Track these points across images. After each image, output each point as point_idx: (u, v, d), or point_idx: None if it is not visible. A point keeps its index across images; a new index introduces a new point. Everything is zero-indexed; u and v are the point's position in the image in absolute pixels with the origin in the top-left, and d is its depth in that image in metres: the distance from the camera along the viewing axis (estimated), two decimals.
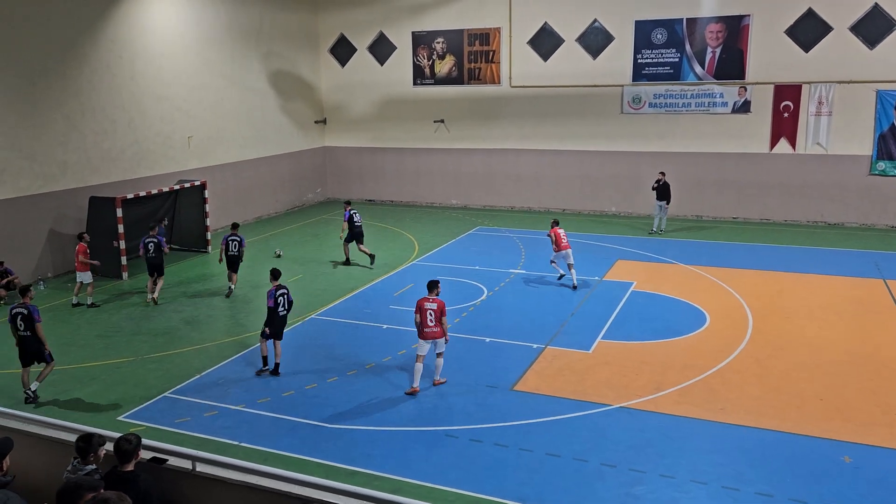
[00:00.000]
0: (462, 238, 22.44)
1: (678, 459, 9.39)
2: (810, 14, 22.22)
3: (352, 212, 19.21)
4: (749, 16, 22.85)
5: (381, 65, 28.19)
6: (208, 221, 21.31)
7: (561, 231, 16.81)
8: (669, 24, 23.78)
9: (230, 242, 16.81)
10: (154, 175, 21.51)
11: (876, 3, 21.48)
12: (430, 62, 27.41)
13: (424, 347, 11.44)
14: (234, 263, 16.94)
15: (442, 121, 27.66)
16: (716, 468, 9.18)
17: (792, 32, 22.54)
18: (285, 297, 12.24)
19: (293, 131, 28.03)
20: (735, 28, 23.07)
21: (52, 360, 11.56)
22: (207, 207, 21.23)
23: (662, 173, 22.63)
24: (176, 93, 22.29)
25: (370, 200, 29.56)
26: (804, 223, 23.44)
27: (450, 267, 18.92)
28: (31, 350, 11.30)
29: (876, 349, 12.95)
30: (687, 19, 23.55)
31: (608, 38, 24.66)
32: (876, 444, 9.67)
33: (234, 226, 17.45)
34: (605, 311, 15.20)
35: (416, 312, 11.48)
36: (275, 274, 12.53)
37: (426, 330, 11.36)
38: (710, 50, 23.53)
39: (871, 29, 21.71)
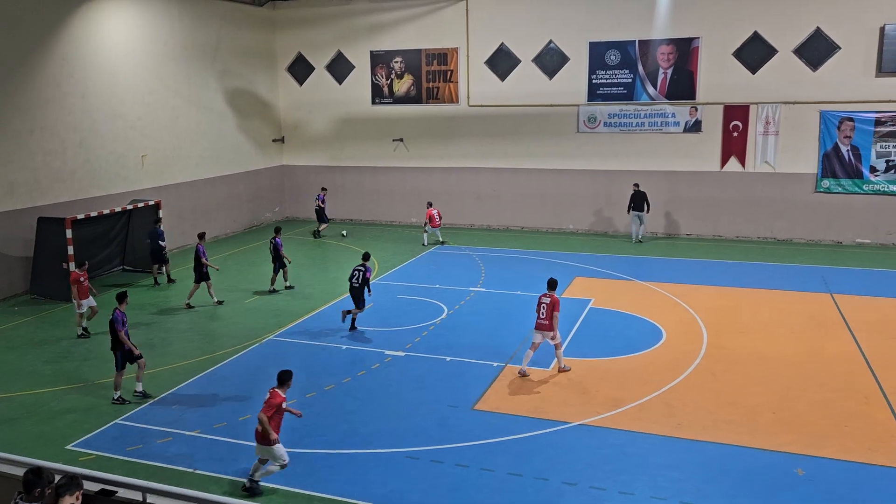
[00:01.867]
0: (422, 256, 22.44)
1: (637, 476, 9.48)
2: (756, 37, 22.97)
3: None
4: (698, 38, 23.53)
5: (340, 83, 28.18)
6: (163, 242, 20.85)
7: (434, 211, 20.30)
8: (622, 46, 24.33)
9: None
10: (106, 195, 21.03)
11: (818, 28, 22.33)
12: (388, 81, 27.50)
13: (537, 337, 12.75)
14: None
15: (401, 139, 27.73)
16: (674, 484, 9.28)
17: (739, 54, 23.27)
18: (361, 273, 15.12)
19: (251, 150, 27.77)
20: (685, 50, 23.72)
21: (118, 370, 12.04)
22: (162, 227, 20.78)
23: (636, 184, 23.37)
24: (130, 111, 21.90)
25: (329, 220, 29.33)
26: (755, 239, 24.06)
27: (409, 286, 18.87)
28: (114, 353, 11.96)
29: (825, 362, 13.31)
30: (639, 41, 24.13)
31: (563, 59, 25.10)
32: (827, 457, 9.90)
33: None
34: (564, 329, 15.25)
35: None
36: (364, 256, 15.84)
37: (538, 321, 12.70)
38: (661, 71, 24.12)
39: (813, 52, 22.54)
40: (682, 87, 23.96)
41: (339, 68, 28.11)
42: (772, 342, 14.42)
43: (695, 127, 24.11)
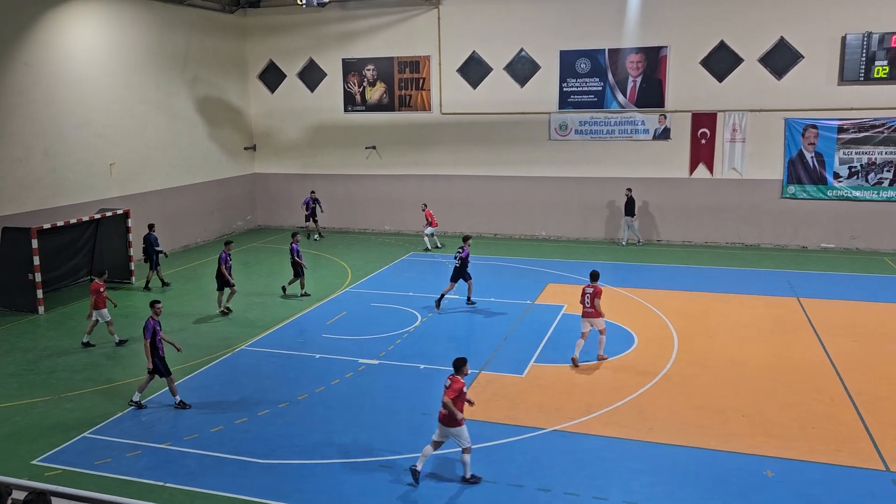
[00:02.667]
0: (396, 264, 22.41)
1: (611, 481, 9.55)
2: (723, 46, 23.40)
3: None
4: (667, 47, 23.89)
5: (312, 91, 28.09)
6: (132, 251, 20.59)
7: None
8: (592, 55, 24.62)
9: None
10: (73, 204, 20.69)
11: (782, 37, 22.82)
12: (360, 89, 27.48)
13: (585, 326, 13.60)
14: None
15: (373, 147, 27.70)
16: (647, 488, 9.37)
17: (706, 63, 23.67)
18: (459, 253, 17.13)
19: (222, 158, 27.52)
20: (654, 59, 24.07)
21: (169, 373, 12.13)
22: (131, 237, 20.53)
23: (629, 189, 23.88)
24: (97, 119, 21.59)
25: (302, 228, 29.17)
26: (723, 244, 24.44)
27: (383, 293, 18.83)
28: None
29: (793, 365, 13.55)
30: (609, 50, 24.43)
31: (535, 67, 25.31)
32: (796, 458, 10.07)
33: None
34: (537, 335, 15.41)
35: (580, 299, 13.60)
36: (464, 238, 17.81)
37: (584, 311, 13.54)
38: (631, 79, 24.44)
39: (778, 61, 23.02)
40: (651, 95, 24.30)
41: (311, 76, 28.03)
42: (741, 346, 14.64)
43: (664, 134, 24.45)
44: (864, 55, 21.83)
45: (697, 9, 23.39)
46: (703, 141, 24.09)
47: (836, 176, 23.11)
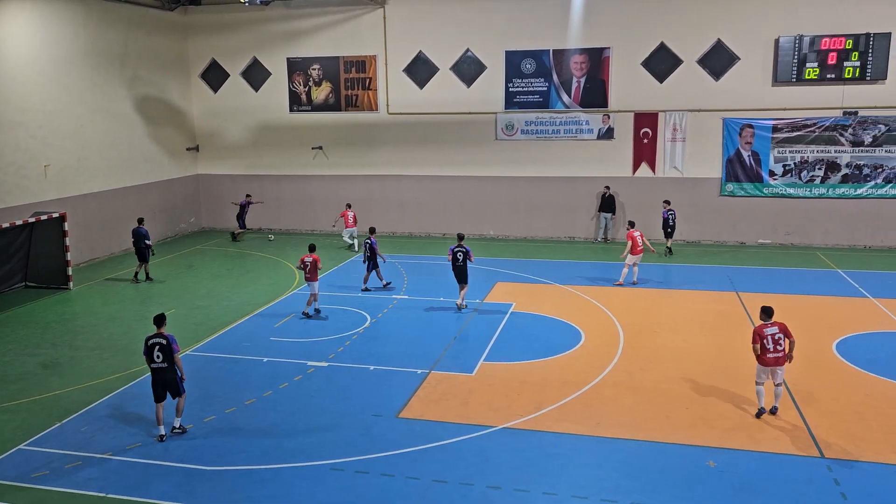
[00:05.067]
0: (344, 265, 22.25)
1: (560, 476, 9.69)
2: (663, 48, 23.98)
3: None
4: (609, 48, 24.35)
5: (256, 91, 27.65)
6: (69, 256, 19.91)
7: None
8: (537, 55, 24.91)
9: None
10: (6, 207, 19.88)
11: (719, 39, 23.51)
12: (306, 89, 27.18)
13: (631, 259, 12.13)
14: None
15: (320, 147, 27.44)
16: (595, 482, 9.54)
17: (647, 64, 24.22)
18: (463, 252, 16.88)
19: (163, 159, 26.85)
20: (597, 59, 24.50)
21: (184, 391, 11.11)
22: (68, 241, 19.85)
23: (607, 187, 24.59)
24: (31, 119, 20.80)
25: (248, 229, 28.72)
26: (665, 242, 24.99)
27: (332, 295, 18.68)
28: (167, 380, 10.82)
29: (734, 357, 13.98)
30: (553, 50, 24.76)
31: (481, 67, 25.47)
32: (737, 448, 10.40)
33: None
34: (486, 333, 15.52)
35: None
36: (459, 236, 17.57)
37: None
38: (575, 80, 24.82)
39: (715, 62, 23.71)
40: (595, 95, 24.73)
41: (255, 75, 27.59)
42: (684, 340, 15.04)
43: (608, 134, 24.92)
44: (795, 57, 22.68)
45: (638, 11, 23.91)
46: (646, 140, 24.65)
47: (772, 174, 23.95)
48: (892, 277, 19.90)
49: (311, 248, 17.29)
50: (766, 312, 11.35)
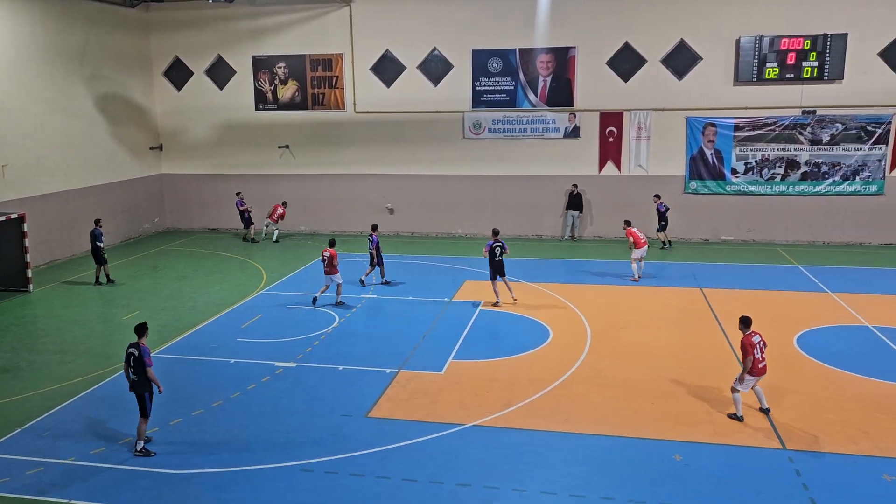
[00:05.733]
0: (312, 265, 22.10)
1: (529, 473, 9.77)
2: (627, 47, 24.27)
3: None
4: (574, 48, 24.57)
5: (221, 89, 27.30)
6: (28, 258, 19.46)
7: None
8: (504, 54, 25.03)
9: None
10: None
11: (682, 39, 23.88)
12: (272, 87, 26.92)
13: (636, 253, 11.71)
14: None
15: (287, 146, 27.21)
16: (564, 478, 9.64)
17: (612, 64, 24.50)
18: (500, 247, 17.10)
19: (126, 158, 26.36)
20: (563, 59, 24.70)
21: (149, 415, 10.45)
22: (27, 242, 19.40)
23: (575, 185, 24.78)
24: None
25: (214, 229, 28.38)
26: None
27: (300, 295, 18.55)
28: (136, 394, 10.40)
29: (698, 353, 14.24)
30: (520, 49, 24.90)
31: (448, 66, 25.50)
32: (702, 441, 10.60)
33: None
34: (455, 332, 15.56)
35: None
36: (494, 231, 17.87)
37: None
38: (541, 79, 25.00)
39: (678, 62, 24.09)
40: (561, 94, 24.94)
41: (220, 73, 27.25)
42: (650, 336, 15.26)
43: (574, 133, 25.14)
44: (756, 57, 23.14)
45: (603, 11, 24.16)
46: (611, 139, 24.94)
47: (734, 172, 24.41)
48: (850, 272, 20.45)
49: (331, 244, 17.80)
50: (746, 323, 11.30)
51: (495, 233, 18.01)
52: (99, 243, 19.64)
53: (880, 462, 9.93)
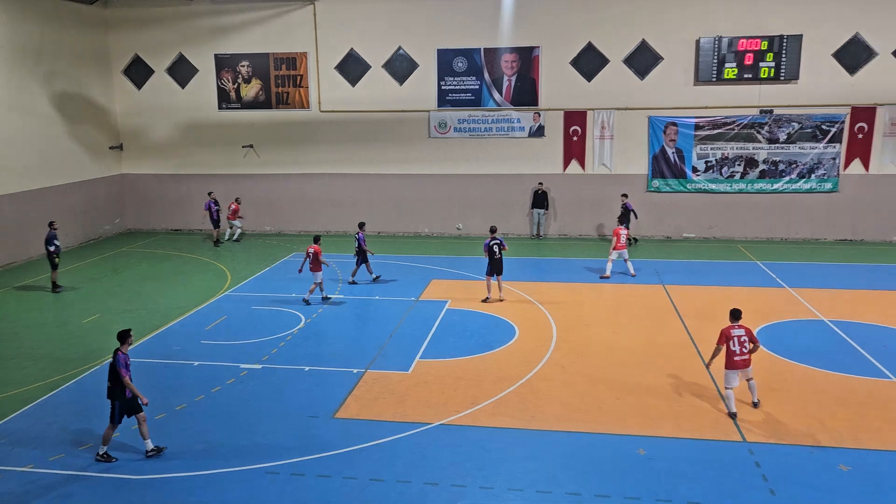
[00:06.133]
0: (277, 265, 21.92)
1: (496, 470, 9.83)
2: (590, 48, 24.53)
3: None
4: (538, 47, 24.75)
5: (183, 87, 26.89)
6: (51, 246, 19.01)
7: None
8: (469, 54, 25.10)
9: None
10: None
11: (643, 40, 24.21)
12: (235, 86, 26.61)
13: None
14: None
15: (251, 146, 26.92)
16: (530, 474, 9.73)
17: (576, 63, 24.74)
18: (498, 245, 17.21)
19: (85, 158, 25.81)
20: (527, 58, 24.87)
21: (117, 421, 10.17)
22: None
23: (540, 183, 24.95)
24: None
25: (176, 230, 27.96)
26: (594, 237, 25.65)
27: (265, 296, 18.38)
28: (112, 400, 10.12)
29: (661, 349, 14.47)
30: (484, 49, 24.99)
31: (413, 65, 25.48)
32: (664, 436, 10.78)
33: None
34: (422, 331, 15.58)
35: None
36: (492, 229, 17.82)
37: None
38: (506, 78, 25.13)
39: (640, 62, 24.42)
40: (526, 93, 25.10)
41: (182, 71, 26.83)
42: (614, 332, 15.46)
43: (539, 132, 25.33)
44: (715, 58, 23.57)
45: (566, 11, 24.37)
46: (575, 138, 25.18)
47: (695, 170, 24.84)
48: (807, 268, 20.96)
49: (315, 240, 18.03)
50: (735, 315, 11.51)
51: (493, 230, 18.07)
52: (50, 247, 18.95)
53: (836, 452, 10.22)
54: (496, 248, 17.40)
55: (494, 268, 17.57)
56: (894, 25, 22.93)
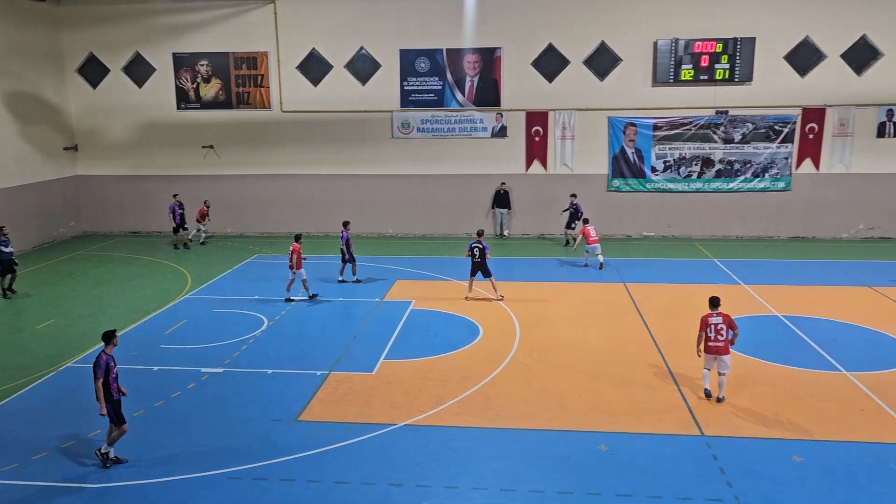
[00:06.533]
0: (239, 268, 21.68)
1: (461, 470, 9.89)
2: (551, 49, 24.78)
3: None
4: (500, 48, 24.92)
5: (140, 87, 26.41)
6: (7, 248, 18.47)
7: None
8: (431, 54, 25.14)
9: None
10: None
11: (603, 41, 24.55)
12: (194, 85, 26.21)
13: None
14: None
15: (211, 146, 26.55)
16: (494, 473, 9.81)
17: (537, 64, 24.97)
18: (479, 248, 17.59)
19: (38, 159, 25.16)
20: (489, 59, 25.01)
21: (110, 420, 9.96)
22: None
23: (503, 183, 25.13)
24: None
25: (135, 233, 27.44)
26: (557, 236, 25.91)
27: (226, 299, 18.17)
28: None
29: (621, 346, 14.70)
30: (447, 49, 25.06)
31: (375, 66, 25.42)
32: (625, 431, 10.97)
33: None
34: (386, 332, 15.57)
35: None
36: (478, 232, 18.36)
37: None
38: (468, 79, 25.24)
39: (600, 63, 24.76)
40: (488, 94, 25.24)
41: (139, 71, 26.34)
42: (576, 331, 15.65)
43: (501, 132, 25.50)
44: (672, 59, 24.02)
45: (527, 12, 24.58)
46: (537, 138, 25.42)
47: (654, 170, 25.28)
48: (761, 265, 21.49)
49: (296, 238, 18.16)
50: (713, 303, 11.98)
51: (479, 234, 18.51)
52: (6, 249, 18.50)
53: (790, 444, 10.52)
54: (476, 251, 17.76)
55: (474, 269, 17.95)
56: (843, 29, 23.65)
